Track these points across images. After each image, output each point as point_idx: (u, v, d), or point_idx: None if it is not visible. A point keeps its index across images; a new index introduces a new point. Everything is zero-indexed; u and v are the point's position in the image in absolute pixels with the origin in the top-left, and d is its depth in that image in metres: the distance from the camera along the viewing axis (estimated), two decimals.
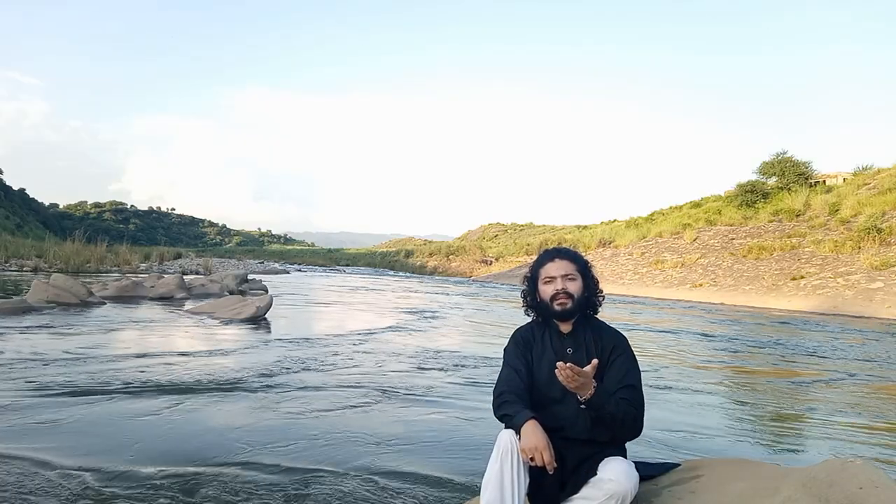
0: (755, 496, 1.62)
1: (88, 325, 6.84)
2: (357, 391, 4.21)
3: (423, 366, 5.37)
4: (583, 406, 1.70)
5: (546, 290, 1.89)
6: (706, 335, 9.18)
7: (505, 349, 1.96)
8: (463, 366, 5.51)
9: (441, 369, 5.26)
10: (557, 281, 1.87)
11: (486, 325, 9.69)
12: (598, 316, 1.98)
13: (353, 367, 5.12)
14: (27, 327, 6.30)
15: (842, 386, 5.36)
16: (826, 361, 6.79)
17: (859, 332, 10.29)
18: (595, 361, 1.68)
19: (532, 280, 1.96)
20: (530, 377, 1.86)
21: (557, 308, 1.86)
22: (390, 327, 8.52)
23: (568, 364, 1.61)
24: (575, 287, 1.87)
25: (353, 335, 7.32)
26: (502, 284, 28.52)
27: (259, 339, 6.62)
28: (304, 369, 4.87)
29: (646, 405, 1.79)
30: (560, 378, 1.63)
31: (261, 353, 5.59)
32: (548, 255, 1.95)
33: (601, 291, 1.95)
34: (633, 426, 1.76)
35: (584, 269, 1.92)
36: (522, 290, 2.00)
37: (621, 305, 15.72)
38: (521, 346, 1.92)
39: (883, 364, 6.79)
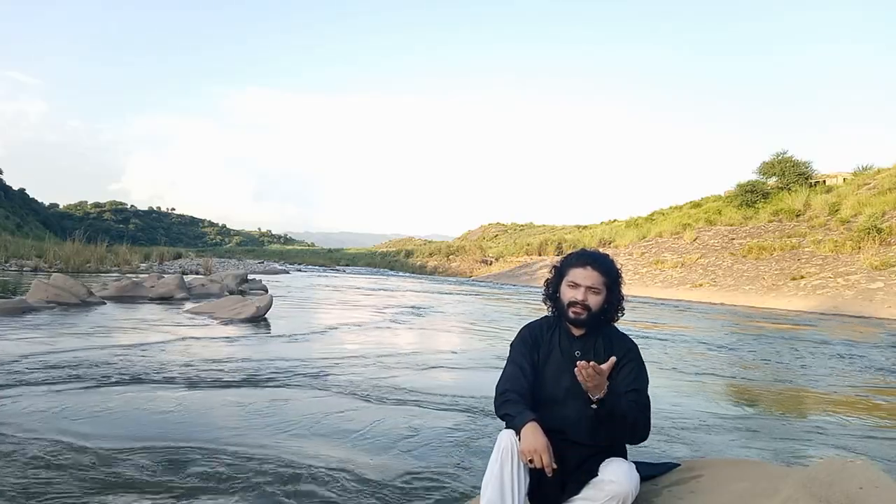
0: (755, 496, 1.62)
1: (88, 324, 6.84)
2: (356, 389, 4.20)
3: (423, 363, 5.36)
4: (594, 406, 1.65)
5: (566, 294, 1.85)
6: (705, 336, 9.17)
7: (512, 344, 1.93)
8: (463, 362, 5.51)
9: (441, 367, 5.26)
10: (580, 290, 1.82)
11: (484, 325, 9.68)
12: None
13: (353, 365, 5.11)
14: (26, 326, 6.30)
15: (841, 386, 5.36)
16: (826, 362, 6.79)
17: (858, 333, 10.29)
18: (613, 359, 1.65)
19: (558, 274, 1.92)
20: (535, 376, 1.84)
21: (571, 315, 1.83)
22: (390, 325, 8.52)
23: (591, 363, 1.57)
24: (596, 301, 1.83)
25: (353, 334, 7.31)
26: (502, 284, 28.51)
27: (259, 338, 6.62)
28: (303, 368, 4.87)
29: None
30: (579, 377, 1.59)
31: (260, 352, 5.59)
32: (580, 260, 1.87)
33: (623, 309, 1.90)
34: (643, 429, 1.74)
35: (613, 282, 1.86)
36: (547, 280, 1.96)
37: None
38: (529, 345, 1.89)
39: (883, 364, 6.79)
